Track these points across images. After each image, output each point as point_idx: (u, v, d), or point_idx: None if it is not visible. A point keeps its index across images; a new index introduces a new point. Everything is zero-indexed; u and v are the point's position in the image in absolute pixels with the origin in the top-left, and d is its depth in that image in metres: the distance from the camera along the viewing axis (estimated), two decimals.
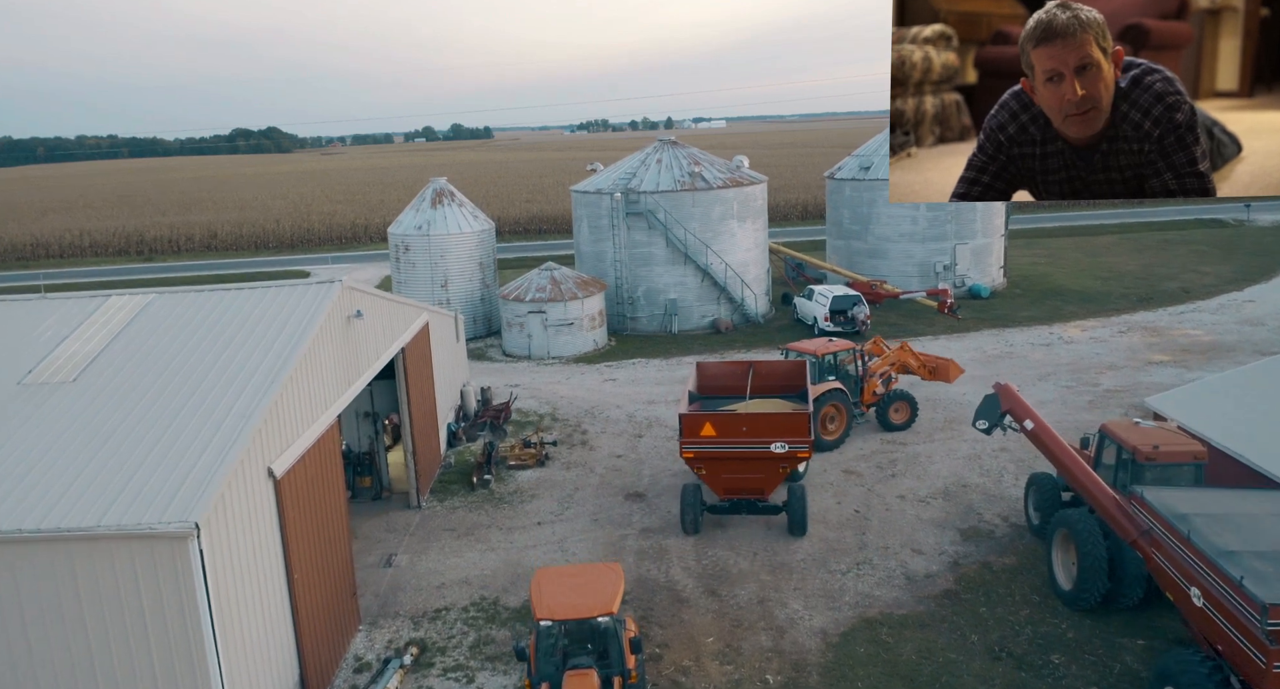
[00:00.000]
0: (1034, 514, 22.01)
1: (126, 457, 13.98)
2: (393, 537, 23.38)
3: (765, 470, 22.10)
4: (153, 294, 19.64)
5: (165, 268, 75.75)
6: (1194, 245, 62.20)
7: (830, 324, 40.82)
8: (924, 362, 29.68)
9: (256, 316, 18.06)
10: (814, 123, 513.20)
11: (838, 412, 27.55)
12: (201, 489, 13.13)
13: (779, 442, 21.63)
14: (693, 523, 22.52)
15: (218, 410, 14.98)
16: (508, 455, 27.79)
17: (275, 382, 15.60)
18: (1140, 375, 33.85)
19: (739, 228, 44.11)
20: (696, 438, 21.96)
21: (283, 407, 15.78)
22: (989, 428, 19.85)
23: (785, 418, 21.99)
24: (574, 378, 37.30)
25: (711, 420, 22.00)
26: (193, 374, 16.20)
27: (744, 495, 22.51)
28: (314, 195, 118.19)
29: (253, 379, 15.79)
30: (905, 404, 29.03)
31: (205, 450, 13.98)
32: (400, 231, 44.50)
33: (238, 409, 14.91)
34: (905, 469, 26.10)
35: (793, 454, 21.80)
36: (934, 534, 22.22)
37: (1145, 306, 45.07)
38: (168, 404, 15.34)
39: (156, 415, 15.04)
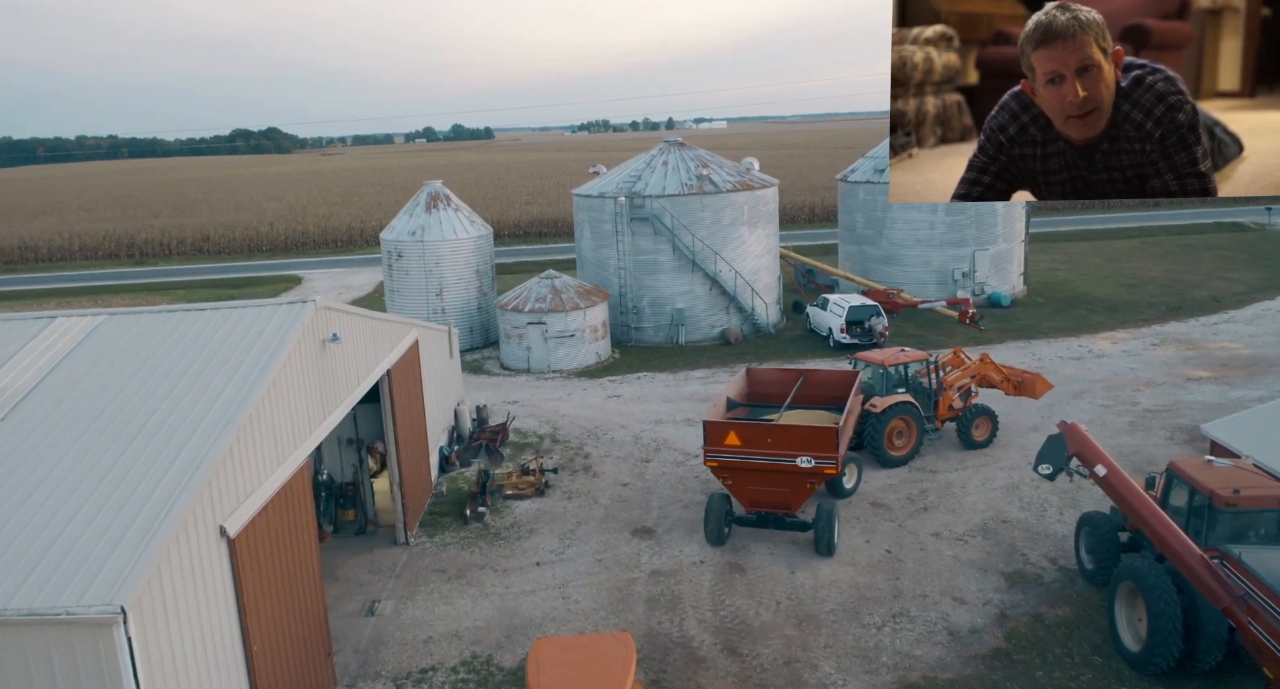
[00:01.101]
0: (1087, 558, 19.84)
1: (50, 518, 11.83)
2: (377, 579, 21.22)
3: (791, 485, 21.08)
4: (104, 315, 17.50)
5: (155, 272, 73.63)
6: (1217, 250, 60.02)
7: (846, 336, 38.64)
8: (1007, 375, 27.87)
9: (217, 342, 15.90)
10: (816, 123, 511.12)
11: (906, 426, 25.91)
12: (132, 562, 10.97)
13: (805, 455, 20.60)
14: (716, 533, 21.65)
15: (163, 458, 12.83)
16: (504, 484, 25.62)
17: (231, 422, 13.44)
18: (1180, 393, 31.67)
19: (749, 233, 41.93)
20: (720, 446, 21.19)
21: (241, 451, 13.63)
22: (1053, 473, 17.61)
23: (811, 431, 20.85)
24: (575, 394, 35.13)
25: (736, 429, 21.12)
26: (139, 412, 14.05)
27: (770, 509, 21.56)
28: (310, 197, 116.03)
29: (207, 418, 13.64)
30: (986, 419, 27.18)
31: (143, 510, 11.82)
32: (393, 238, 42.33)
33: (185, 457, 12.75)
34: (938, 501, 23.92)
35: (819, 469, 20.69)
36: (976, 579, 20.04)
37: (1175, 316, 42.87)
38: (106, 449, 13.19)
39: (92, 464, 12.88)
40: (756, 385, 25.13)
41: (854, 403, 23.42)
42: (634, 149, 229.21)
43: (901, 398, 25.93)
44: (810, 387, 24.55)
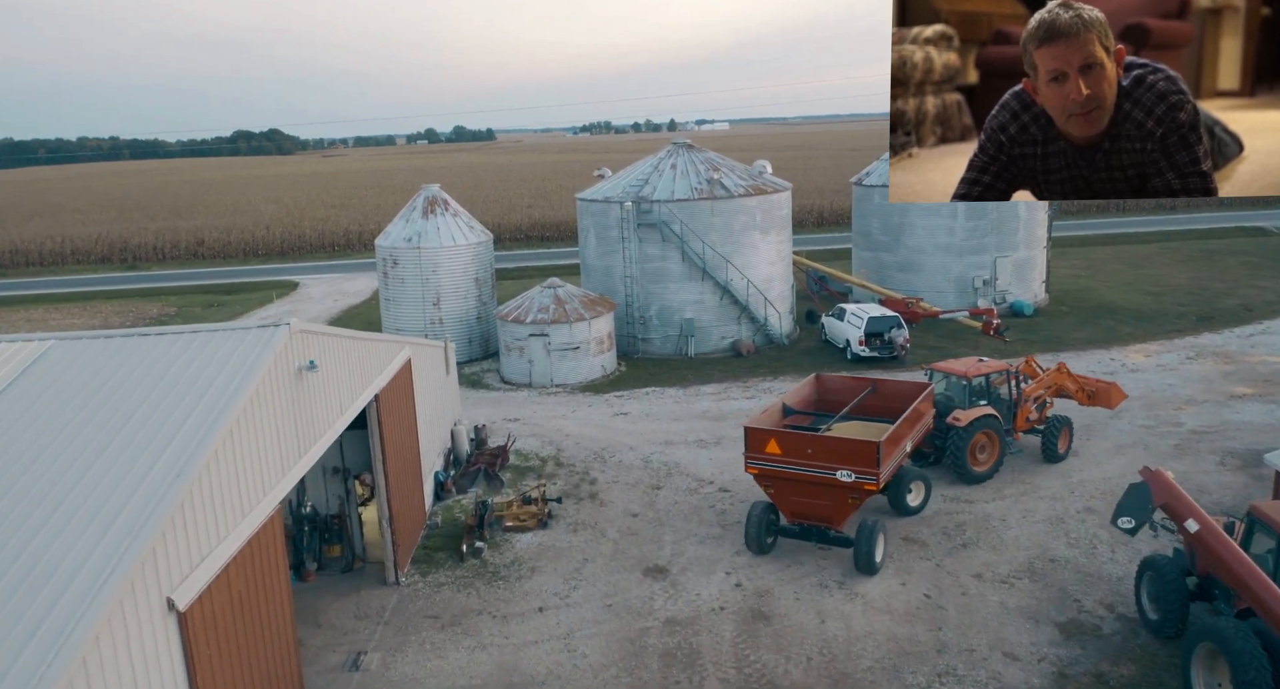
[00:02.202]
0: (1150, 607, 17.82)
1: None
2: (363, 626, 19.25)
3: (833, 498, 20.42)
4: (51, 339, 15.55)
5: (148, 277, 71.77)
6: (1242, 256, 57.99)
7: (865, 348, 36.66)
8: (1082, 385, 26.70)
9: (176, 374, 13.95)
10: (820, 124, 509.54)
11: (989, 440, 24.73)
12: (58, 645, 9.02)
13: (845, 469, 19.90)
14: (756, 542, 21.22)
15: (100, 518, 10.86)
16: (504, 514, 23.63)
17: (183, 475, 11.48)
18: (1225, 412, 29.67)
19: (761, 240, 39.95)
20: (761, 454, 20.74)
21: (196, 506, 11.67)
22: (1135, 528, 15.56)
23: (852, 444, 20.15)
24: (580, 411, 33.17)
25: (777, 437, 20.70)
26: (77, 461, 12.08)
27: (813, 522, 20.92)
28: (307, 199, 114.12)
29: (155, 468, 11.68)
30: (1068, 431, 26.07)
31: (72, 583, 9.86)
32: (388, 244, 40.37)
33: (127, 518, 10.79)
34: (976, 536, 21.94)
35: (859, 485, 19.92)
36: (1027, 630, 18.05)
37: (1208, 327, 40.86)
38: (35, 508, 11.22)
39: (15, 526, 10.92)
40: (824, 392, 24.50)
41: (915, 415, 22.26)
42: (636, 151, 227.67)
43: (985, 411, 24.64)
44: (880, 397, 23.62)
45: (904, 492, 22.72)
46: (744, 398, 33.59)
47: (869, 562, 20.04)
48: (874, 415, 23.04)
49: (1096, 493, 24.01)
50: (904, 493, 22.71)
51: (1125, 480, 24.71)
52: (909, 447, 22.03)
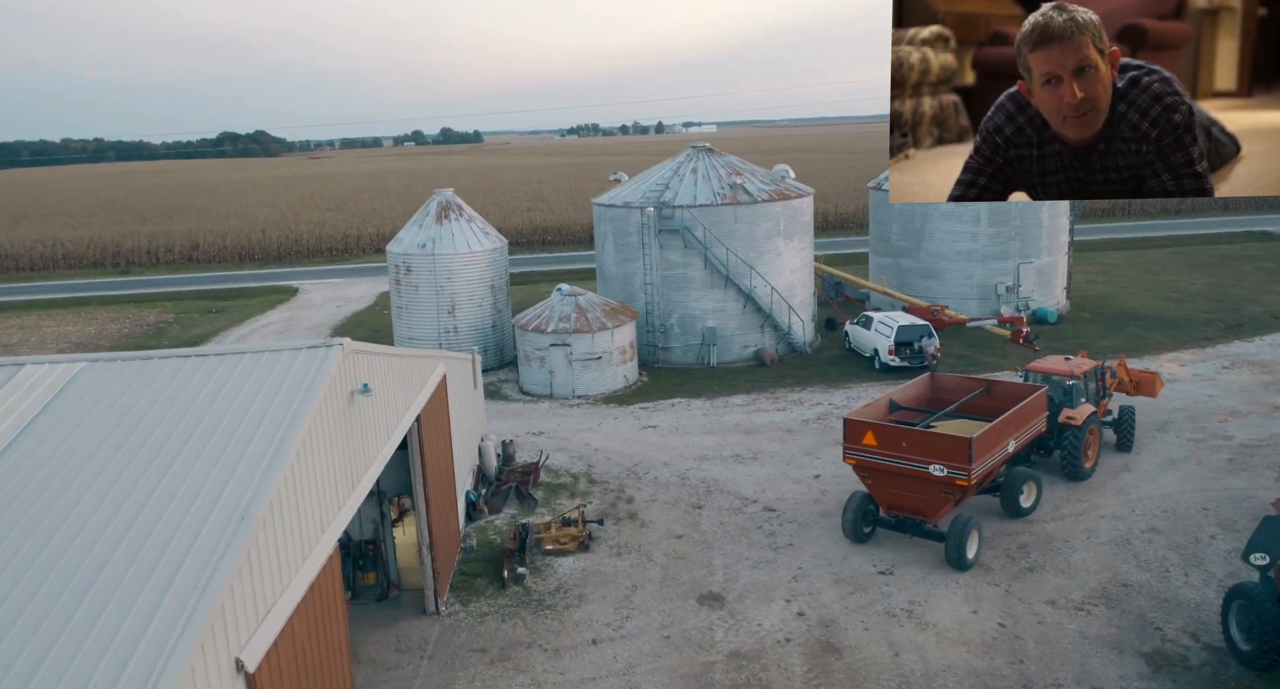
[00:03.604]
0: (1240, 637, 16.90)
1: (13, 652, 8.74)
2: (406, 661, 18.14)
3: (927, 492, 20.82)
4: (81, 362, 14.40)
5: (142, 282, 70.25)
6: (1255, 262, 57.40)
7: (895, 358, 35.74)
8: (1131, 376, 28.14)
9: (226, 400, 12.82)
10: (806, 127, 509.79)
11: (1093, 438, 25.32)
12: None
13: (938, 464, 20.35)
14: (854, 531, 21.90)
15: (162, 567, 9.75)
16: (543, 538, 22.55)
17: (248, 516, 10.39)
18: (1272, 425, 28.87)
19: (785, 246, 38.98)
20: (858, 445, 21.42)
21: (261, 553, 10.58)
22: (1269, 564, 14.66)
23: (945, 440, 20.55)
24: (606, 424, 32.10)
25: (874, 430, 21.22)
26: (129, 498, 10.96)
27: (908, 515, 21.44)
28: (301, 203, 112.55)
29: (216, 508, 10.57)
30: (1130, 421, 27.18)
31: (137, 648, 8.75)
32: (401, 250, 39.21)
33: (190, 570, 9.69)
34: (1042, 559, 21.00)
35: (951, 480, 20.26)
36: (1113, 663, 17.11)
37: (1237, 335, 40.12)
38: (85, 558, 10.10)
39: (65, 581, 9.79)
40: (937, 391, 25.04)
41: (1019, 416, 22.19)
42: (625, 153, 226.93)
43: (1091, 409, 25.24)
44: (992, 398, 23.94)
45: (1017, 493, 22.72)
46: (775, 410, 32.61)
47: (960, 557, 20.31)
48: (985, 415, 22.96)
49: (1158, 511, 23.13)
50: (1017, 494, 22.71)
51: (1184, 498, 23.93)
52: (1012, 447, 21.96)
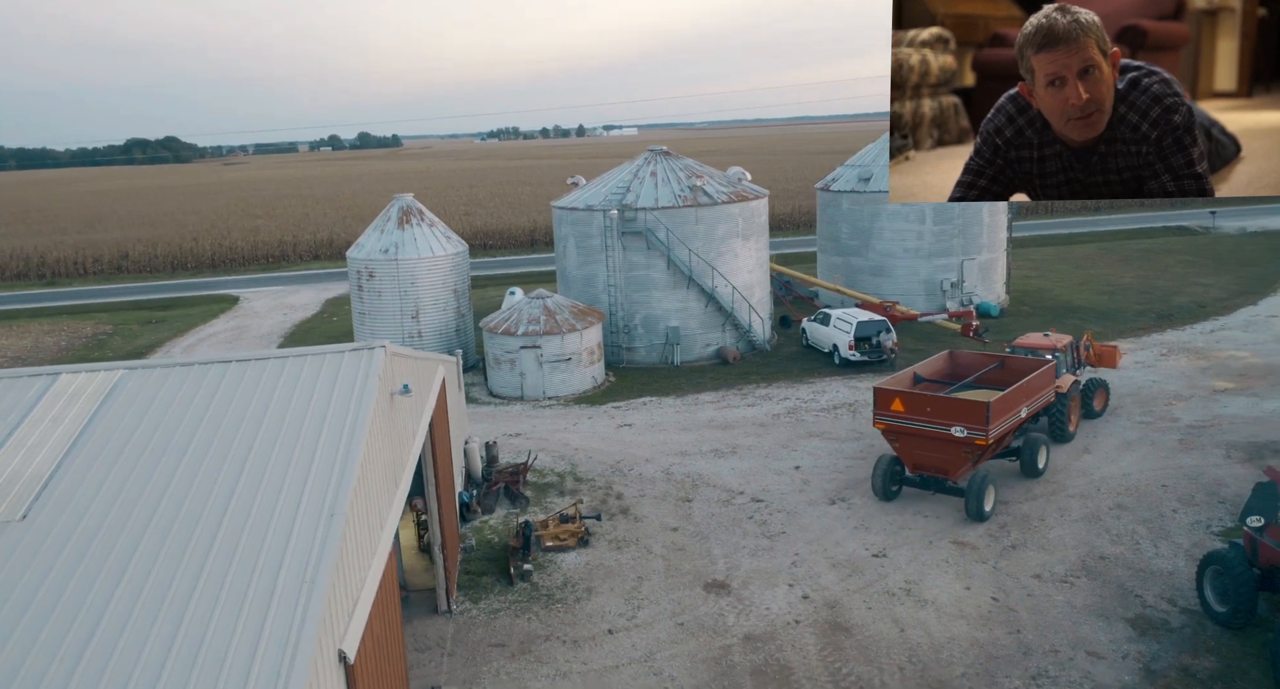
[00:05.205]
0: (1215, 600, 18.27)
1: (131, 660, 8.95)
2: (428, 659, 18.42)
3: (949, 453, 23.18)
4: (119, 369, 14.42)
5: (71, 294, 68.10)
6: (1176, 255, 60.55)
7: (855, 353, 36.96)
8: (1095, 349, 30.85)
9: (281, 405, 13.04)
10: (725, 130, 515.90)
11: (1075, 405, 28.17)
12: None
13: (959, 426, 22.71)
14: (883, 490, 24.12)
15: (261, 570, 10.01)
16: (543, 535, 22.97)
17: (336, 513, 10.71)
18: (1214, 407, 30.79)
19: (743, 246, 39.97)
20: (887, 411, 23.81)
21: (347, 552, 10.89)
22: (1264, 526, 15.94)
23: (965, 404, 22.85)
24: (582, 424, 32.58)
25: (901, 396, 23.53)
26: (209, 504, 11.16)
27: (932, 473, 23.79)
28: (229, 210, 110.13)
29: (301, 506, 10.86)
30: (1103, 391, 29.97)
31: (259, 646, 9.03)
32: (362, 256, 39.08)
33: (291, 567, 9.98)
34: (1023, 537, 22.21)
35: (970, 440, 22.63)
36: (1101, 629, 18.30)
37: (1169, 324, 42.45)
38: (182, 557, 10.30)
39: (165, 580, 9.99)
40: (956, 366, 27.40)
41: (1031, 385, 24.55)
42: (547, 156, 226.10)
43: (1073, 378, 28.08)
44: (1006, 371, 26.44)
45: (1035, 456, 25.10)
46: (745, 406, 33.50)
47: (979, 508, 22.53)
48: (999, 386, 25.14)
49: (1121, 490, 24.59)
50: (1035, 457, 25.10)
51: (1143, 476, 25.45)
52: (1024, 413, 24.38)
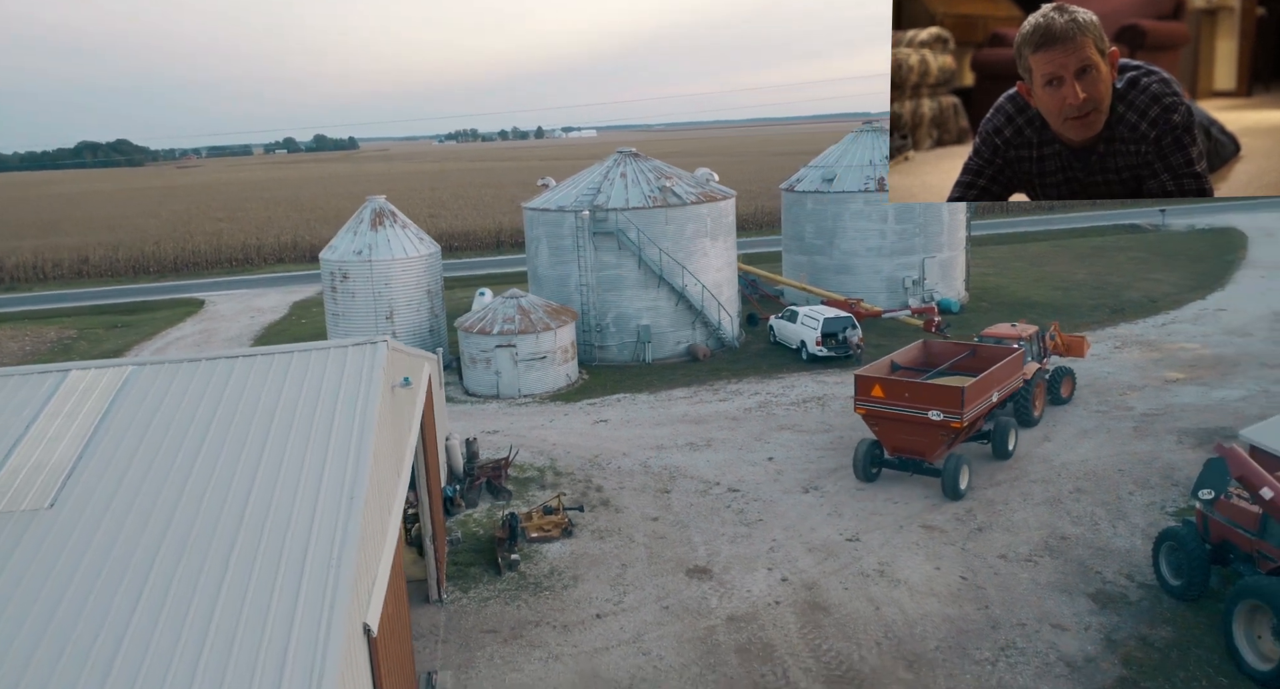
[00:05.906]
0: (1170, 574, 19.43)
1: (174, 636, 9.51)
2: (422, 646, 18.99)
3: (926, 435, 24.21)
4: (128, 365, 14.88)
5: (32, 299, 67.37)
6: (1127, 252, 62.53)
7: (822, 349, 37.99)
8: (1062, 339, 32.10)
9: (291, 396, 13.61)
10: (683, 131, 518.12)
11: (1040, 391, 29.38)
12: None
13: (935, 410, 23.78)
14: (864, 472, 25.33)
15: (288, 551, 10.60)
16: (528, 526, 23.62)
17: (356, 496, 11.33)
18: (1165, 396, 32.20)
19: (711, 246, 40.89)
20: (868, 397, 24.89)
21: (366, 534, 11.50)
22: (1214, 498, 17.06)
23: (941, 389, 24.05)
24: (558, 420, 33.23)
25: (880, 383, 24.70)
26: (231, 491, 11.71)
27: (909, 455, 24.88)
28: (190, 213, 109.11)
29: (321, 491, 11.46)
30: (1069, 379, 31.24)
31: (297, 614, 9.63)
32: (336, 258, 39.41)
33: (318, 548, 10.58)
34: (988, 520, 23.27)
35: (946, 423, 23.71)
36: (1065, 603, 19.37)
37: (1122, 318, 44.06)
38: (211, 541, 10.86)
39: (198, 562, 10.55)
40: (930, 354, 28.50)
41: (1001, 372, 25.70)
42: (506, 159, 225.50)
43: (1038, 366, 29.25)
44: (978, 359, 27.51)
45: (1005, 438, 26.42)
46: (717, 401, 34.36)
47: (954, 487, 23.82)
48: (971, 373, 26.35)
49: (1080, 475, 25.77)
50: (1005, 439, 26.41)
51: (1100, 462, 26.67)
52: (995, 397, 25.55)
